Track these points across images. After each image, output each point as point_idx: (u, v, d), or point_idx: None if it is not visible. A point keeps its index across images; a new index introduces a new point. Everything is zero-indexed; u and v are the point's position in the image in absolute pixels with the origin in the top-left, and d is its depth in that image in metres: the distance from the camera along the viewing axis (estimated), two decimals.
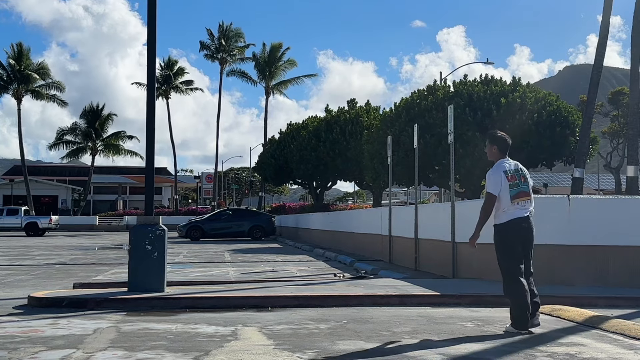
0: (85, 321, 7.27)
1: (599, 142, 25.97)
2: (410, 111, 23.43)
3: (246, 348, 5.76)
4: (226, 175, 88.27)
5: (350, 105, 36.64)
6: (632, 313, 8.01)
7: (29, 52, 57.77)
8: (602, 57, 17.30)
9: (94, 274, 13.85)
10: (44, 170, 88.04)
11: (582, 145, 17.50)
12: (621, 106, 48.26)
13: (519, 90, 22.74)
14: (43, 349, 5.72)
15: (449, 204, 12.05)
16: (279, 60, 59.37)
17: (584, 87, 27.34)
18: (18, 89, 56.31)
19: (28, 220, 39.67)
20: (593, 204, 10.52)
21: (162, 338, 6.24)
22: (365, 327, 6.91)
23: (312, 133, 35.30)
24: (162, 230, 9.11)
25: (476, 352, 5.66)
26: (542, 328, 6.87)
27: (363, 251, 18.46)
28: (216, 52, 60.60)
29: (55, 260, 18.22)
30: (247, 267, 15.83)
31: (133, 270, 9.05)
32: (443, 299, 8.84)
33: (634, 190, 15.88)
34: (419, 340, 6.15)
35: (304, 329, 6.75)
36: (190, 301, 8.54)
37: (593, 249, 10.05)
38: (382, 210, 17.06)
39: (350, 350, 5.67)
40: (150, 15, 9.46)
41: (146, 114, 9.47)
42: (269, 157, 40.22)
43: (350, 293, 9.15)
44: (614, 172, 52.16)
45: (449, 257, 11.83)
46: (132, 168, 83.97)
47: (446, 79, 33.56)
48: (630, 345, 6.01)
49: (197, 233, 32.89)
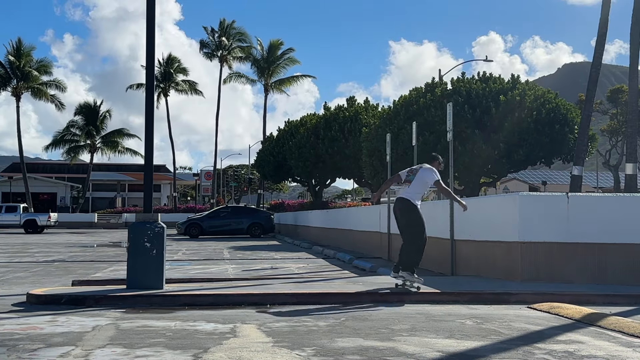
0: (84, 318, 7.27)
1: (598, 140, 25.96)
2: (409, 109, 23.42)
3: (245, 345, 5.77)
4: (225, 172, 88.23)
5: (349, 102, 36.60)
6: (631, 310, 8.03)
7: (30, 50, 57.67)
8: (600, 55, 17.29)
9: (92, 271, 13.85)
10: (42, 167, 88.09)
11: (580, 143, 17.50)
12: (620, 104, 48.27)
13: (518, 88, 22.74)
14: (42, 346, 5.72)
15: (447, 202, 12.05)
16: (279, 58, 59.29)
17: (582, 85, 27.35)
18: (17, 86, 56.21)
19: (27, 218, 39.62)
20: (592, 202, 10.53)
21: (161, 335, 6.24)
22: (364, 324, 6.92)
23: (310, 130, 35.26)
24: (160, 227, 9.11)
25: (475, 350, 5.66)
26: (540, 325, 6.89)
27: (362, 249, 18.47)
28: (216, 50, 60.52)
29: (54, 257, 18.22)
30: (246, 264, 15.84)
31: (132, 267, 9.05)
32: (441, 297, 8.85)
33: (632, 187, 15.89)
34: (417, 338, 6.15)
35: (303, 327, 6.76)
36: (189, 298, 8.55)
37: (592, 246, 10.07)
38: (380, 208, 17.07)
39: (349, 348, 5.68)
40: (149, 16, 9.46)
41: (145, 113, 9.47)
42: (268, 155, 40.19)
43: (349, 290, 9.15)
44: (612, 169, 52.21)
45: (448, 255, 11.84)
46: (131, 165, 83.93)
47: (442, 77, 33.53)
48: (629, 343, 6.02)
49: (195, 230, 32.90)
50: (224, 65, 60.48)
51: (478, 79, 23.69)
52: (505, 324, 6.97)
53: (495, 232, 10.75)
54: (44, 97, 57.38)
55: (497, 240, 10.63)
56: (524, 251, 9.96)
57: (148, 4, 9.46)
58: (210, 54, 60.64)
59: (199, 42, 61.30)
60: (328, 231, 24.00)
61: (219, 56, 60.27)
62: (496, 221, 10.82)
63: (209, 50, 60.64)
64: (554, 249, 10.05)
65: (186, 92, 62.74)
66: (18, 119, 56.56)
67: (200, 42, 61.23)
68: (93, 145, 61.39)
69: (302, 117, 39.64)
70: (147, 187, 9.62)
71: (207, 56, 60.82)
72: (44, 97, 57.38)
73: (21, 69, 55.92)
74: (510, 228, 10.19)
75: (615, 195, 11.75)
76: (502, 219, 10.60)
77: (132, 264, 9.06)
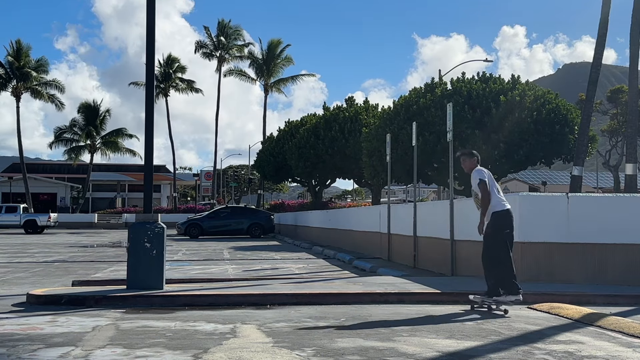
0: (84, 319, 7.27)
1: (598, 140, 25.94)
2: (409, 109, 23.41)
3: (245, 346, 5.76)
4: (225, 172, 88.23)
5: (348, 103, 36.60)
6: (631, 310, 8.03)
7: (29, 50, 57.68)
8: (600, 55, 17.29)
9: (92, 271, 13.85)
10: (42, 167, 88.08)
11: (580, 143, 17.50)
12: (620, 104, 48.25)
13: (518, 88, 22.72)
14: (42, 346, 5.72)
15: (447, 202, 12.06)
16: (277, 57, 59.30)
17: (582, 85, 27.34)
18: (17, 86, 56.23)
19: (27, 218, 39.62)
20: (592, 202, 10.52)
21: (161, 336, 6.24)
22: (364, 324, 6.91)
23: (310, 131, 35.26)
24: (161, 227, 9.11)
25: (475, 350, 5.66)
26: (540, 326, 6.89)
27: (362, 249, 18.47)
28: (214, 50, 60.50)
29: (54, 257, 18.22)
30: (246, 264, 15.84)
31: (132, 267, 9.05)
32: (442, 297, 8.85)
33: (632, 188, 15.88)
34: (417, 338, 6.15)
35: (303, 327, 6.75)
36: (189, 299, 8.55)
37: (592, 246, 10.07)
38: (380, 208, 17.07)
39: (349, 348, 5.67)
40: (149, 17, 9.46)
41: (145, 113, 9.47)
42: (268, 155, 40.20)
43: (349, 291, 9.15)
44: (612, 170, 52.19)
45: (448, 255, 11.84)
46: (131, 166, 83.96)
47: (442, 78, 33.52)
48: (629, 343, 6.02)
49: (196, 231, 32.89)
50: (224, 65, 60.55)
51: (478, 79, 23.68)
52: (505, 324, 6.97)
53: None
54: (43, 97, 57.43)
55: None
56: (524, 251, 9.96)
57: (148, 4, 9.47)
58: (208, 54, 60.59)
59: (195, 43, 61.27)
60: (328, 231, 24.00)
61: (218, 56, 60.26)
62: None
63: (207, 50, 60.59)
64: (554, 249, 10.05)
65: (186, 91, 62.73)
66: (18, 119, 56.61)
67: (196, 43, 61.20)
68: (93, 146, 61.38)
69: (303, 117, 39.66)
70: (147, 187, 9.63)
71: (205, 56, 60.80)
72: (43, 97, 57.43)
73: (20, 69, 55.95)
74: None
75: (615, 196, 11.74)
76: None
77: (132, 264, 9.05)
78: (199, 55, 60.80)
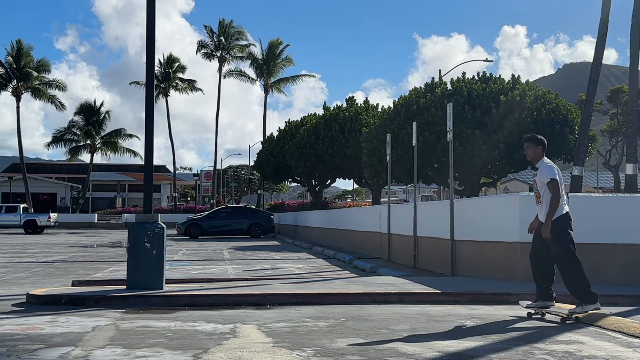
0: (84, 319, 7.27)
1: (598, 140, 25.96)
2: (409, 109, 23.40)
3: (245, 346, 5.76)
4: (225, 172, 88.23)
5: (349, 103, 36.60)
6: (631, 310, 8.03)
7: (30, 50, 57.68)
8: (601, 55, 17.28)
9: (92, 271, 13.85)
10: (42, 167, 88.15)
11: (581, 143, 17.49)
12: (620, 104, 48.29)
13: (518, 88, 22.72)
14: (42, 346, 5.71)
15: (447, 202, 12.05)
16: (277, 57, 59.31)
17: (583, 85, 27.34)
18: (17, 86, 56.23)
19: (27, 218, 39.62)
20: (592, 202, 10.52)
21: (161, 336, 6.24)
22: (364, 324, 6.91)
23: (310, 131, 35.26)
24: (161, 227, 9.11)
25: (474, 350, 5.66)
26: (540, 325, 6.88)
27: (362, 249, 18.47)
28: (215, 50, 60.51)
29: (54, 257, 18.22)
30: (246, 264, 15.84)
31: (132, 267, 9.05)
32: (442, 297, 8.85)
33: (632, 188, 15.88)
34: (417, 338, 6.15)
35: (303, 327, 6.75)
36: (189, 299, 8.54)
37: (592, 246, 10.05)
38: (380, 208, 17.06)
39: (349, 348, 5.67)
40: (149, 17, 9.45)
41: (145, 113, 9.47)
42: (268, 155, 40.20)
43: (349, 291, 9.15)
44: (612, 170, 52.23)
45: (448, 255, 11.84)
46: (131, 166, 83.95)
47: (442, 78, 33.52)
48: (629, 343, 6.01)
49: (196, 231, 32.90)
50: (225, 66, 60.55)
51: (478, 79, 23.68)
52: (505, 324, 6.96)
53: (495, 233, 10.75)
54: (43, 97, 57.42)
55: (497, 241, 10.63)
56: (524, 251, 9.93)
57: (148, 4, 9.47)
58: (209, 54, 60.61)
59: (197, 43, 61.36)
60: (328, 231, 24.00)
61: (219, 56, 60.29)
62: (496, 221, 10.81)
63: (207, 50, 60.61)
64: None
65: (186, 91, 62.75)
66: (18, 120, 56.62)
67: (198, 43, 61.28)
68: (93, 146, 61.39)
69: (303, 117, 39.67)
70: (147, 187, 9.63)
71: (206, 56, 60.81)
72: (43, 97, 57.42)
73: (21, 69, 55.97)
74: (510, 228, 10.19)
75: (615, 196, 11.75)
76: (502, 219, 10.60)
77: (132, 264, 9.05)
78: (200, 56, 60.91)
